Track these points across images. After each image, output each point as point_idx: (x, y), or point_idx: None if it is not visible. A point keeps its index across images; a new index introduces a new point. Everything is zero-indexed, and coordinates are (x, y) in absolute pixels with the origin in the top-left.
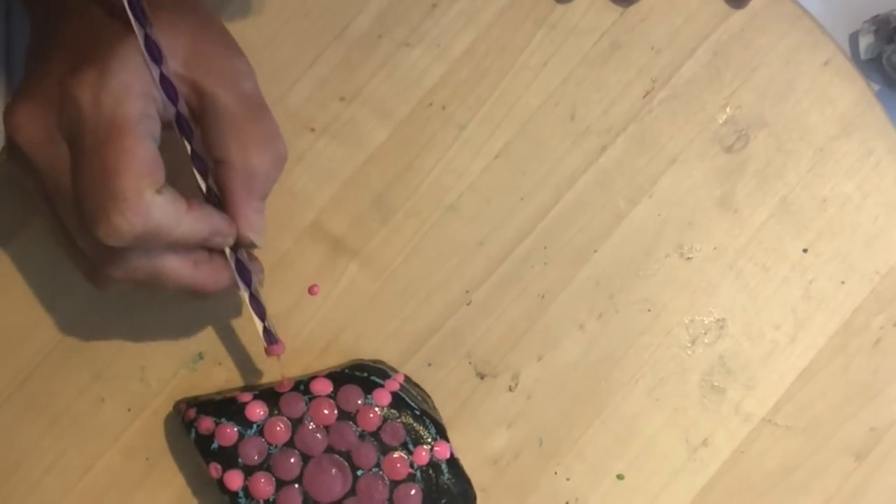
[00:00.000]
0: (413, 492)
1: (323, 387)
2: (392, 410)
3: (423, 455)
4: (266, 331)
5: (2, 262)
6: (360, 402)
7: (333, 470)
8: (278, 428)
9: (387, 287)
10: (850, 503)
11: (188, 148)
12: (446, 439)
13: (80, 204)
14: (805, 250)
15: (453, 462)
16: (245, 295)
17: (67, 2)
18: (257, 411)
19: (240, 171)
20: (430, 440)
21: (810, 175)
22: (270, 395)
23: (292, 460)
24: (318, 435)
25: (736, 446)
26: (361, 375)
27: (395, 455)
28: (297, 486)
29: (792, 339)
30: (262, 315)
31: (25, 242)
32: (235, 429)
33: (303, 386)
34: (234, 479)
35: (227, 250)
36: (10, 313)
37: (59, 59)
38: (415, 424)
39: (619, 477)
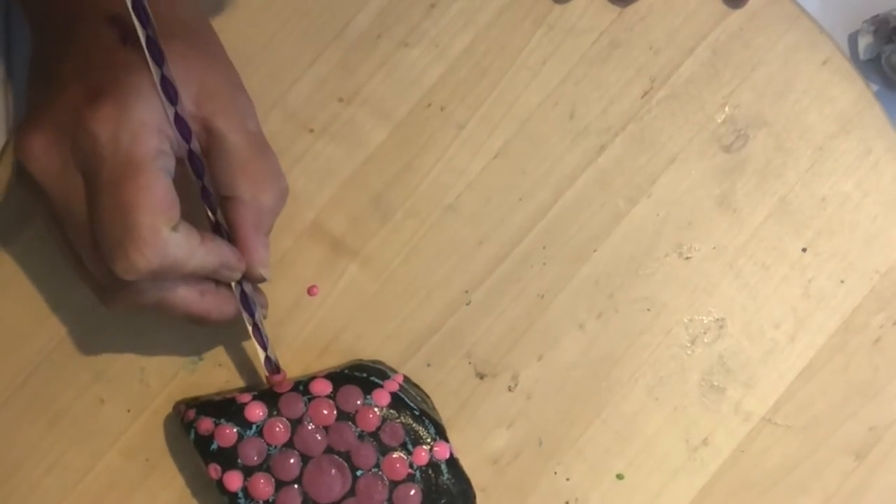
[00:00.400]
0: (412, 492)
1: (322, 387)
2: (391, 411)
3: (422, 455)
4: (268, 359)
5: (2, 262)
6: (359, 402)
7: (333, 470)
8: (278, 428)
9: (386, 287)
10: (850, 502)
11: (198, 184)
12: (446, 439)
13: (97, 237)
14: (804, 249)
15: (453, 462)
16: (249, 326)
17: (73, 11)
18: (257, 412)
19: (250, 208)
20: (429, 440)
21: (809, 174)
22: (270, 396)
23: (292, 461)
24: (318, 435)
25: (736, 445)
26: (361, 376)
27: (395, 455)
28: (296, 486)
29: (791, 338)
30: (264, 345)
31: (26, 243)
32: (235, 429)
33: (302, 386)
34: (234, 480)
35: (233, 283)
36: (11, 314)
37: (70, 81)
38: (414, 425)
39: (619, 476)
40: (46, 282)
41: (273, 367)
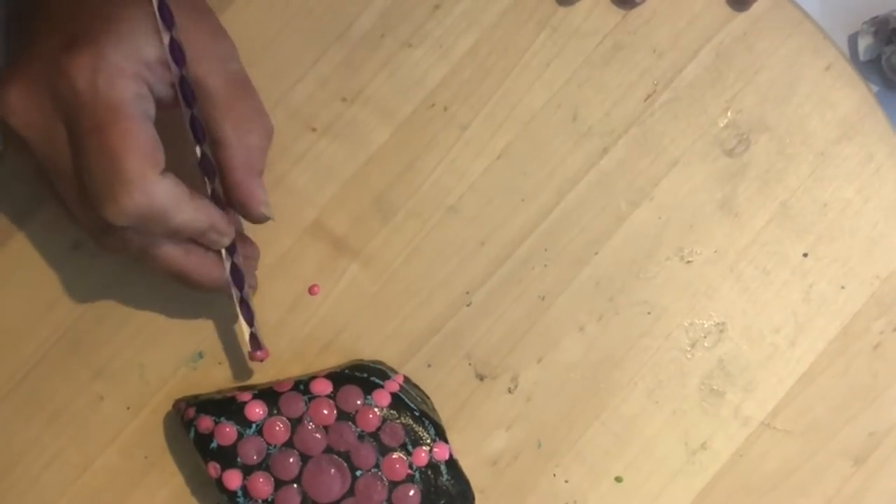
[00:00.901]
0: (412, 493)
1: (322, 387)
2: (391, 411)
3: (422, 456)
4: (252, 336)
5: (2, 259)
6: (359, 402)
7: (332, 470)
8: (277, 428)
9: (387, 287)
10: None
11: (198, 151)
12: (445, 440)
13: (84, 184)
14: (805, 254)
15: (452, 463)
16: (236, 299)
17: None
18: (256, 411)
19: (239, 149)
20: (429, 441)
21: (811, 179)
22: (270, 395)
23: (291, 460)
24: (318, 435)
25: (735, 449)
26: (361, 376)
27: (394, 456)
28: (295, 486)
29: (792, 342)
30: (250, 320)
31: (25, 240)
32: (234, 428)
33: (302, 386)
34: (233, 479)
35: (224, 251)
36: (10, 311)
37: (45, 33)
38: (414, 425)
39: (618, 479)
40: (46, 279)
41: (257, 344)
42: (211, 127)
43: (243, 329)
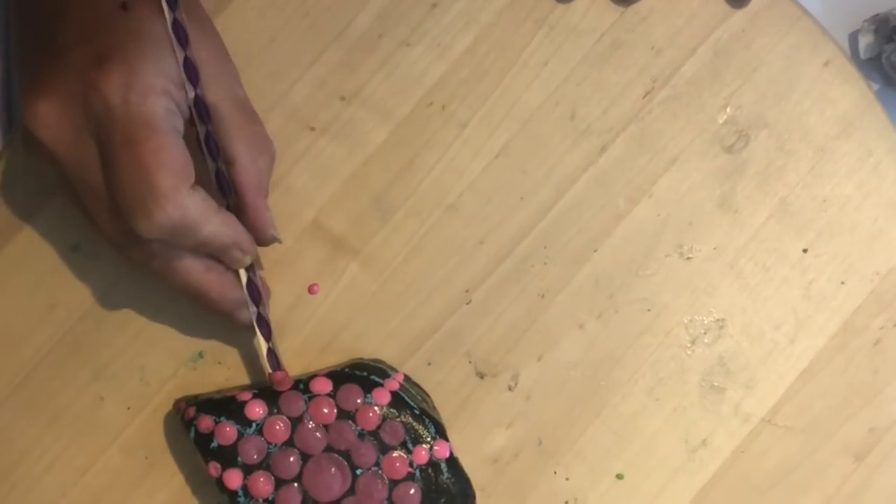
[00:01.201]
0: (412, 491)
1: (322, 386)
2: (391, 410)
3: (422, 454)
4: (270, 352)
5: (2, 260)
6: (359, 401)
7: (333, 469)
8: (278, 427)
9: (387, 286)
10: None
11: (212, 167)
12: (446, 439)
13: (115, 198)
14: (805, 250)
15: (452, 461)
16: (253, 315)
17: None
18: (257, 410)
19: (251, 172)
20: (429, 439)
21: (810, 175)
22: (270, 394)
23: (291, 459)
24: (318, 434)
25: (735, 446)
26: (361, 374)
27: (395, 454)
28: (296, 485)
29: (792, 339)
30: (268, 337)
31: (26, 242)
32: (235, 428)
33: (302, 385)
34: (234, 478)
35: (242, 271)
36: (11, 311)
37: (72, 46)
38: (414, 424)
39: (619, 476)
40: (46, 280)
41: (275, 362)
42: (224, 148)
43: (261, 346)
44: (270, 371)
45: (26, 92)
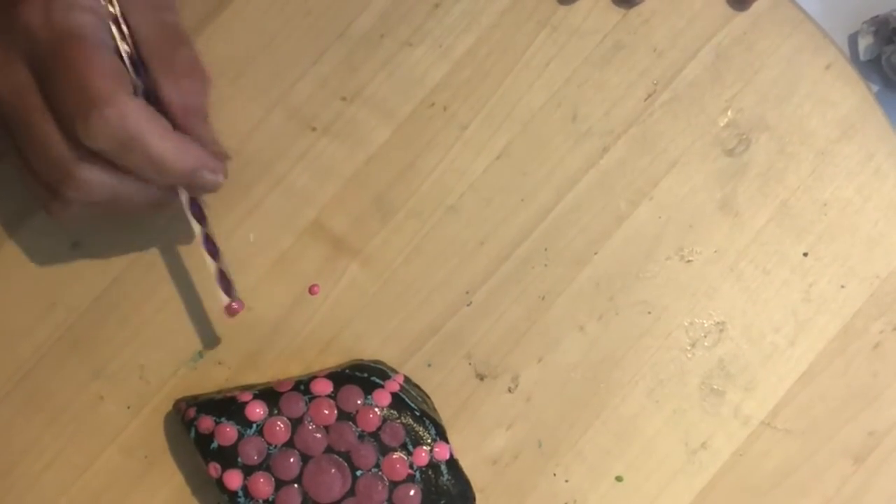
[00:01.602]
0: (412, 492)
1: (323, 387)
2: (392, 411)
3: (422, 456)
4: (221, 274)
5: (1, 257)
6: (359, 402)
7: (333, 470)
8: (278, 428)
9: (387, 287)
10: None
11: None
12: (446, 440)
13: (57, 115)
14: (805, 254)
15: (452, 463)
16: (199, 234)
17: None
18: (257, 411)
19: (173, 90)
20: (429, 441)
21: (811, 178)
22: (270, 395)
23: (292, 460)
24: (318, 435)
25: (735, 449)
26: (361, 376)
27: (395, 455)
28: (296, 486)
29: (791, 342)
30: (214, 254)
31: (25, 239)
32: (235, 428)
33: (303, 386)
34: (234, 479)
35: (181, 190)
36: (10, 309)
37: None
38: (414, 425)
39: (619, 478)
40: (45, 278)
41: (229, 287)
42: (148, 70)
43: (209, 266)
44: (225, 298)
45: None
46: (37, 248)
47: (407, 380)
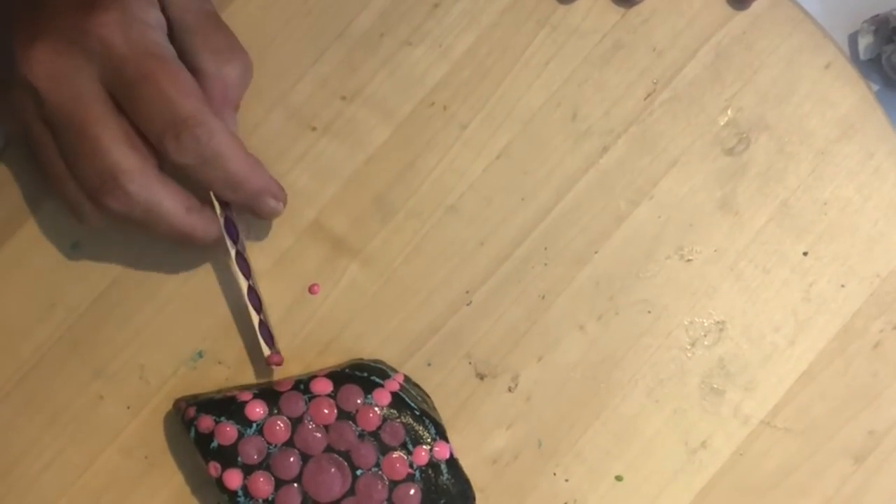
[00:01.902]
0: (412, 492)
1: (323, 386)
2: (392, 410)
3: (422, 455)
4: (263, 326)
5: (1, 258)
6: (359, 401)
7: (333, 469)
8: (278, 427)
9: (387, 287)
10: None
11: (233, 250)
12: (446, 439)
13: (141, 129)
14: (805, 253)
15: (452, 462)
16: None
17: None
18: (257, 410)
19: (216, 79)
20: (429, 440)
21: (811, 178)
22: (270, 395)
23: (291, 459)
24: (318, 434)
25: (735, 448)
26: (361, 375)
27: (395, 455)
28: (296, 485)
29: (791, 341)
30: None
31: (25, 239)
32: (235, 428)
33: (302, 385)
34: (234, 478)
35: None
36: (10, 309)
37: None
38: (414, 424)
39: (618, 478)
40: (45, 279)
41: (269, 337)
42: (189, 59)
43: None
44: (266, 349)
45: (19, 44)
46: (37, 248)
47: (407, 379)
